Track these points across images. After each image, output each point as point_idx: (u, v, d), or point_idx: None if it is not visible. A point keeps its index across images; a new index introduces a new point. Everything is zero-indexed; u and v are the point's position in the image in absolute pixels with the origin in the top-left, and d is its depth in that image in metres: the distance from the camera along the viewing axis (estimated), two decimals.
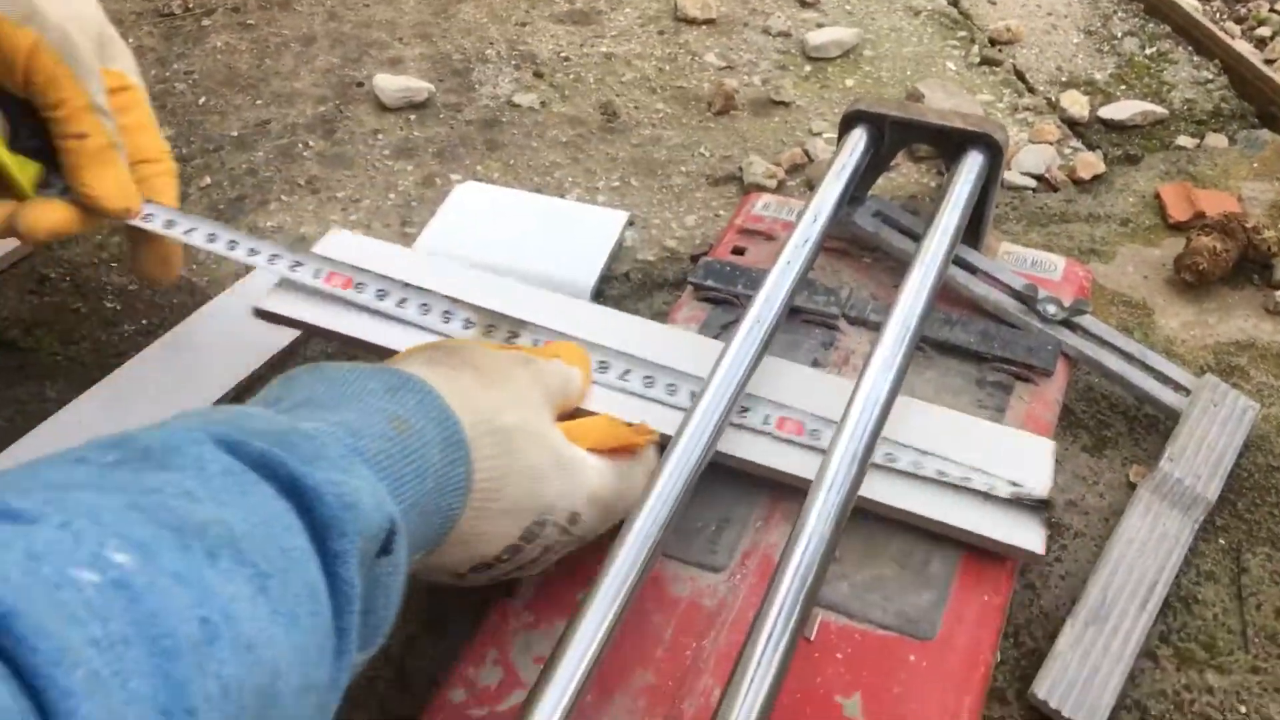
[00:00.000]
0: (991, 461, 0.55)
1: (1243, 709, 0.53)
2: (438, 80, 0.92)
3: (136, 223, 0.59)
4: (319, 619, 0.34)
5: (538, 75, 0.93)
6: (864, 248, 0.72)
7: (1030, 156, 0.83)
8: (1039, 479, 0.54)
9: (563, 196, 0.82)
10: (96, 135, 0.57)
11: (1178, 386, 0.65)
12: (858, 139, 0.68)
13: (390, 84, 0.89)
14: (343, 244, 0.67)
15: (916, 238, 0.62)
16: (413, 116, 0.89)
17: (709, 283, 0.68)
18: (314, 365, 0.46)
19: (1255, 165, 0.83)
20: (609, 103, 0.90)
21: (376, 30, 0.98)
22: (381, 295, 0.61)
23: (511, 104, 0.90)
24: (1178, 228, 0.78)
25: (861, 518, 0.56)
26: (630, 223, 0.79)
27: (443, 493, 0.43)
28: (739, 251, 0.72)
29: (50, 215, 0.57)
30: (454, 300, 0.61)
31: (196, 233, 0.60)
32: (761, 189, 0.81)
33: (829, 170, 0.66)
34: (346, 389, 0.43)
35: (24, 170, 0.57)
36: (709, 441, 0.53)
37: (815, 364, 0.64)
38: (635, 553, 0.49)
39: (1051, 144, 0.85)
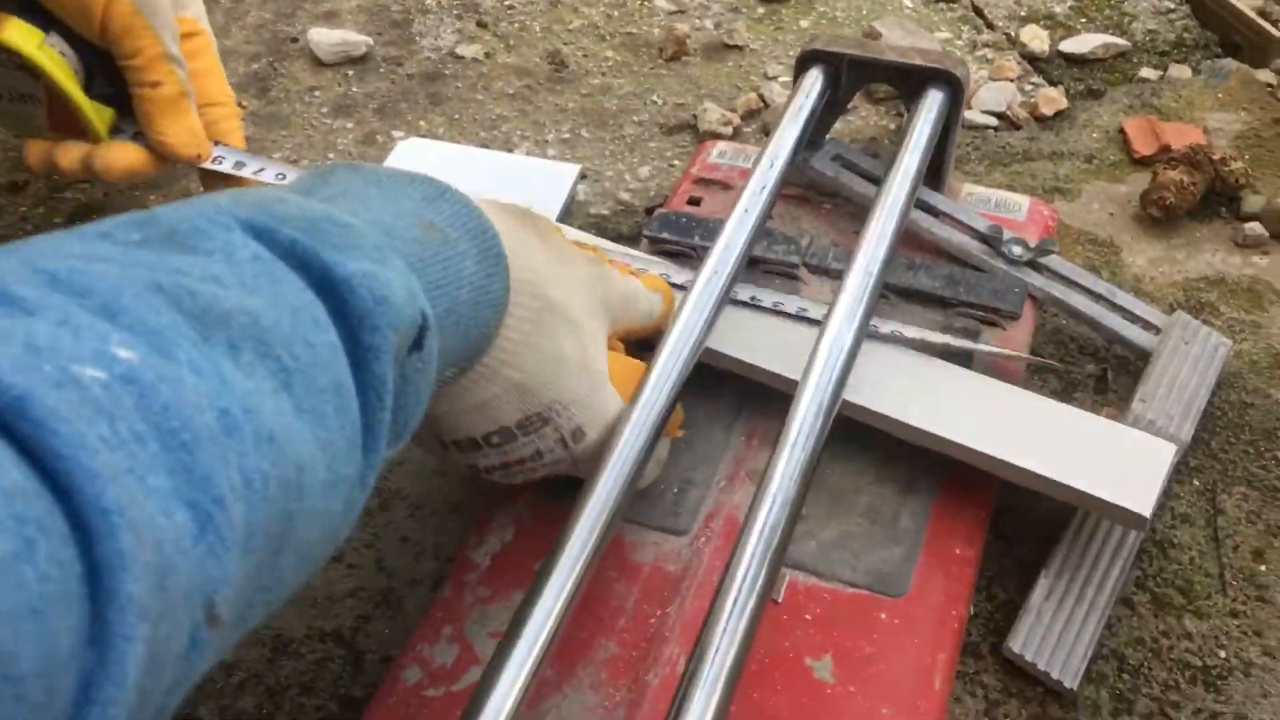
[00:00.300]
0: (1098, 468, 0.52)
1: (1221, 653, 0.51)
2: (376, 33, 0.88)
3: (208, 165, 0.62)
4: (346, 415, 0.33)
5: (481, 25, 0.89)
6: (823, 193, 0.69)
7: (991, 94, 0.81)
8: (1145, 493, 0.51)
9: (511, 151, 0.79)
10: (170, 84, 0.59)
11: (1147, 325, 0.63)
12: (813, 80, 0.65)
13: (326, 39, 0.85)
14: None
15: (877, 181, 0.60)
16: (351, 72, 0.85)
17: (664, 235, 0.66)
18: (351, 162, 0.44)
19: (1220, 96, 0.81)
20: (556, 52, 0.87)
21: None
22: None
23: (455, 56, 0.86)
24: (1143, 162, 0.76)
25: (831, 470, 0.54)
26: (582, 176, 0.76)
27: (478, 305, 0.42)
28: (695, 202, 0.70)
29: (125, 156, 0.60)
30: None
31: (265, 172, 0.62)
32: (717, 137, 0.79)
33: (785, 113, 0.63)
34: (382, 189, 0.42)
35: (100, 115, 0.60)
36: (669, 399, 0.51)
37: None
38: (595, 518, 0.46)
39: (1012, 81, 0.83)
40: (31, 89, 0.59)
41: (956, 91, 0.63)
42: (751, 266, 0.64)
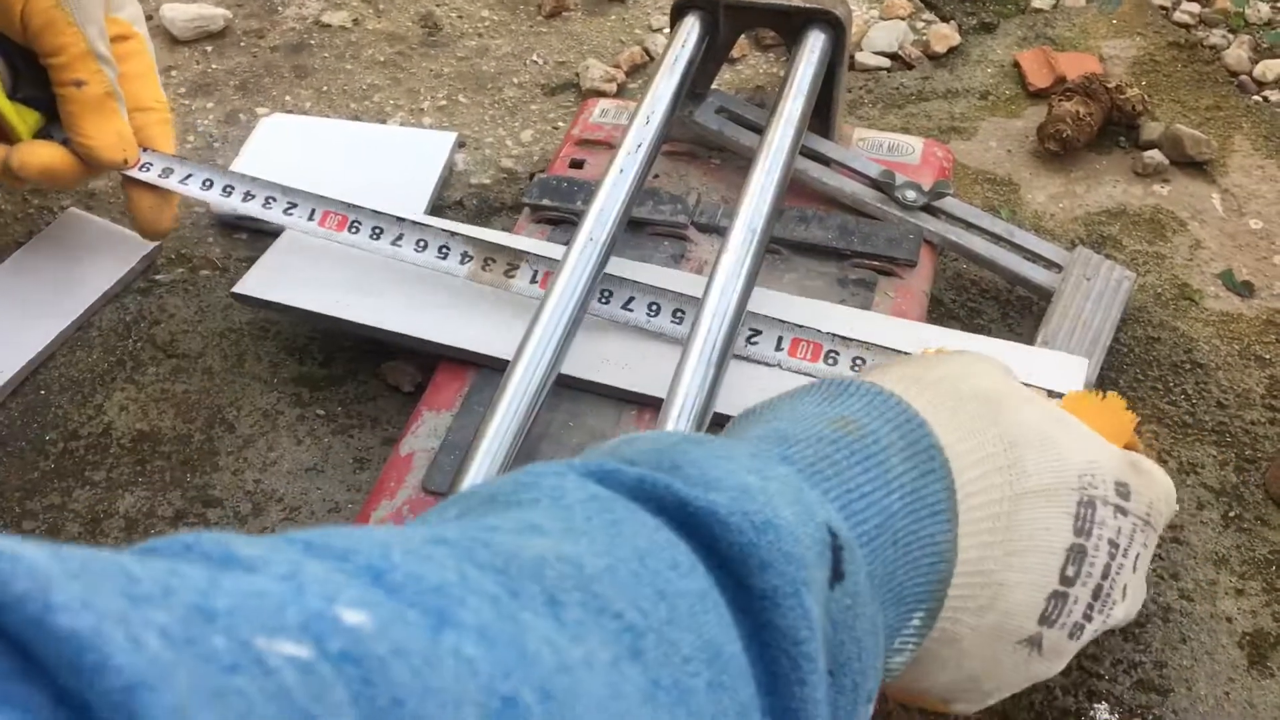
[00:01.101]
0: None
1: None
2: (235, 4, 0.83)
3: (133, 173, 0.58)
4: (726, 696, 0.24)
5: None
6: (711, 148, 0.66)
7: (881, 35, 0.78)
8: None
9: (384, 122, 0.74)
10: (95, 83, 0.55)
11: (1049, 263, 0.61)
12: (690, 28, 0.62)
13: (180, 14, 0.79)
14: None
15: (763, 132, 0.57)
16: (209, 48, 0.80)
17: (545, 202, 0.62)
18: (746, 410, 0.36)
19: (1114, 22, 0.79)
20: (429, 14, 0.82)
21: None
22: (377, 234, 0.57)
23: (320, 24, 0.82)
24: (1039, 95, 0.74)
25: None
26: (461, 144, 0.72)
27: (918, 515, 0.32)
28: (578, 165, 0.66)
29: (42, 155, 0.56)
30: (450, 234, 0.57)
31: (192, 179, 0.59)
32: (600, 94, 0.75)
33: (660, 66, 0.59)
34: (777, 408, 0.35)
35: (23, 118, 0.57)
36: (543, 379, 0.48)
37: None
38: None
39: (903, 19, 0.80)
40: None
41: (839, 32, 0.60)
42: (638, 229, 0.61)
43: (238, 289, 0.57)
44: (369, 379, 0.59)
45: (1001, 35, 0.79)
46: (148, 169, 0.58)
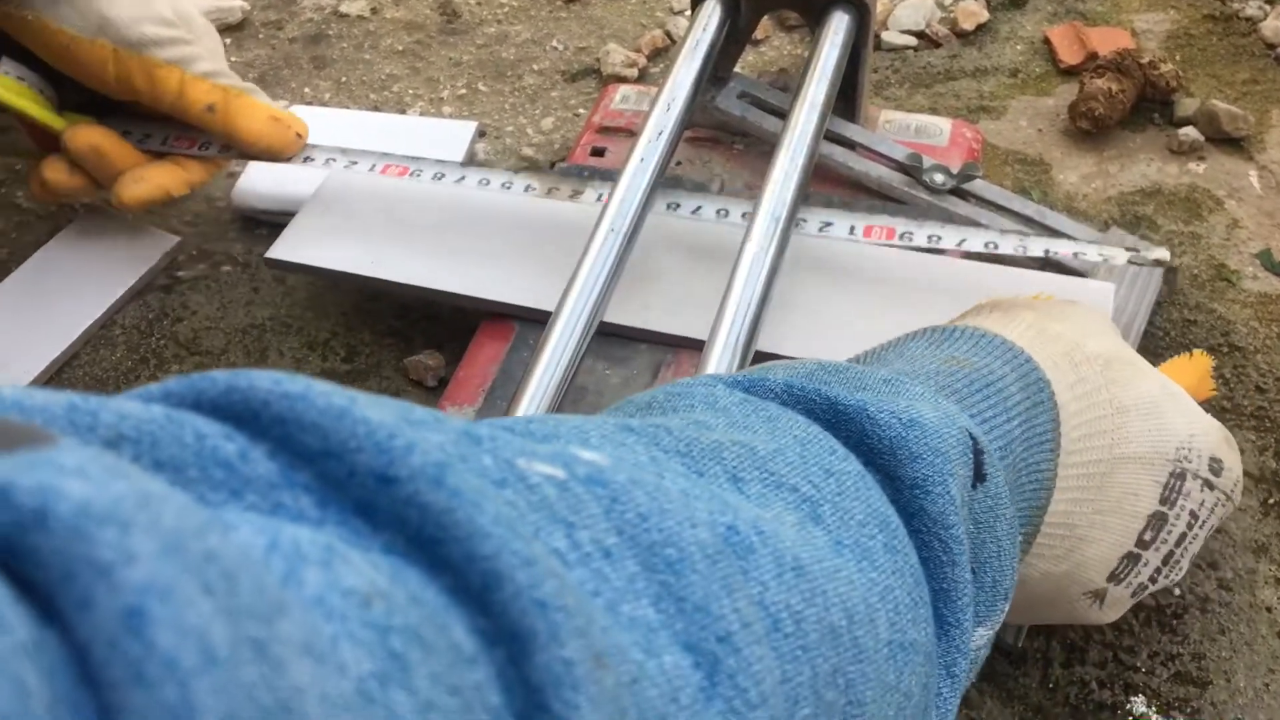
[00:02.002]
0: None
1: (1176, 591, 0.49)
2: None
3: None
4: (900, 559, 0.25)
5: None
6: (735, 134, 0.65)
7: (908, 13, 0.76)
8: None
9: (404, 112, 0.74)
10: (219, 97, 0.57)
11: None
12: (711, 11, 0.60)
13: (199, 6, 0.79)
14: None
15: (785, 116, 0.55)
16: (228, 41, 0.79)
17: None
18: (851, 356, 0.38)
19: None
20: (447, 1, 0.81)
21: None
22: (439, 177, 0.59)
23: (338, 14, 0.81)
24: (1070, 72, 0.72)
25: None
26: (481, 134, 0.71)
27: (1029, 444, 0.33)
28: (599, 153, 0.65)
29: (90, 133, 0.57)
30: (513, 171, 0.58)
31: None
32: (621, 80, 0.74)
33: (681, 51, 0.58)
34: (883, 356, 0.36)
35: (78, 121, 0.59)
36: (565, 373, 0.47)
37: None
38: None
39: None
40: (3, 117, 0.58)
41: (863, 13, 0.59)
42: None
43: (271, 254, 0.57)
44: (392, 374, 0.59)
45: (1031, 11, 0.77)
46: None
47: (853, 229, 0.53)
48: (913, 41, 0.75)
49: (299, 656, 0.14)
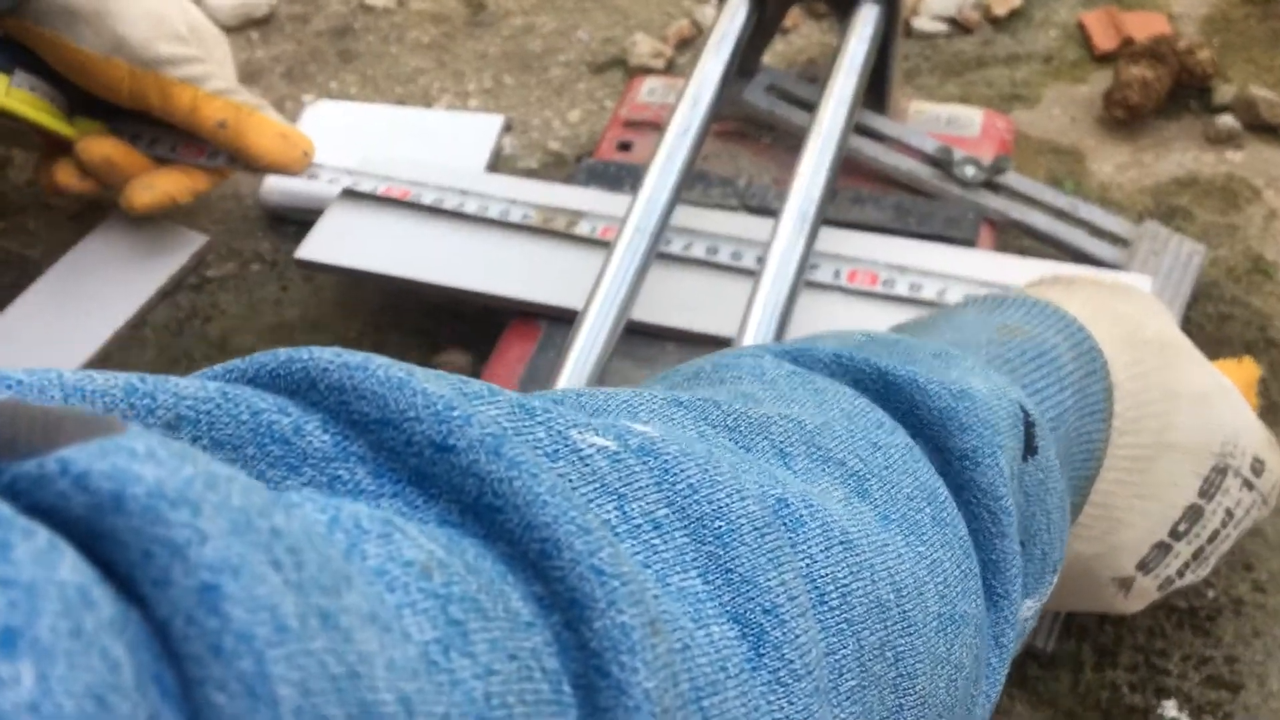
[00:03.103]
0: None
1: (1210, 593, 0.48)
2: None
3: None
4: (949, 532, 0.25)
5: None
6: (761, 127, 0.64)
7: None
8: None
9: (430, 106, 0.73)
10: (230, 113, 0.58)
11: (1115, 238, 0.59)
12: (738, 4, 0.60)
13: (225, 1, 0.79)
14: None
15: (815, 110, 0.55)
16: (254, 35, 0.79)
17: (592, 189, 0.61)
18: (895, 326, 0.38)
19: None
20: None
21: None
22: (438, 202, 0.59)
23: (365, 6, 0.81)
24: (1105, 58, 0.71)
25: None
26: (508, 128, 0.71)
27: (1081, 413, 0.33)
28: (625, 147, 0.65)
29: (102, 145, 0.59)
30: (511, 200, 0.59)
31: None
32: (648, 72, 0.73)
33: (707, 45, 0.58)
34: (934, 323, 0.36)
35: (83, 129, 0.60)
36: (594, 370, 0.47)
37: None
38: None
39: None
40: (15, 121, 0.58)
41: (892, 4, 0.58)
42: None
43: (301, 254, 0.58)
44: None
45: None
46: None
47: (837, 273, 0.53)
48: (945, 28, 0.74)
49: (365, 626, 0.15)
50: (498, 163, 0.69)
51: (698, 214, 0.58)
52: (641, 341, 0.54)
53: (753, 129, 0.64)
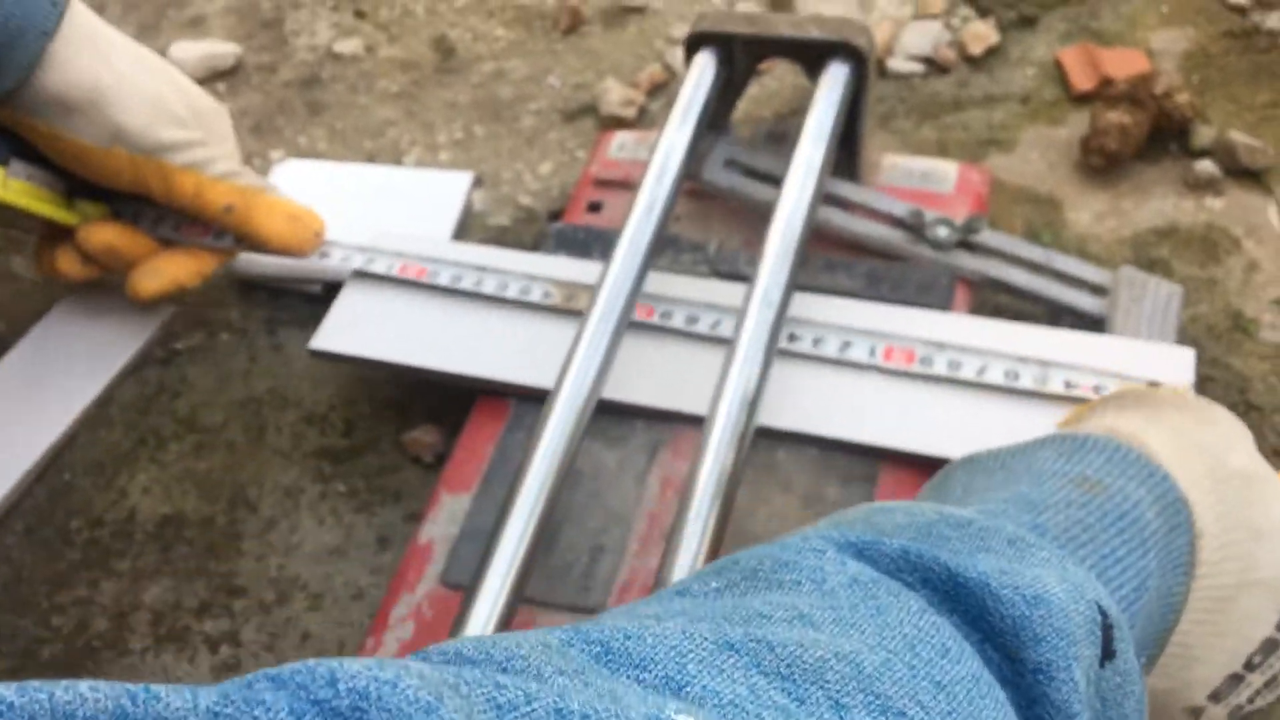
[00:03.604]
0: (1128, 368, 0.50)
1: None
2: (246, 38, 0.81)
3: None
4: None
5: (359, 15, 0.82)
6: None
7: (914, 38, 0.74)
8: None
9: (400, 160, 0.72)
10: (237, 198, 0.57)
11: (1094, 288, 0.58)
12: (704, 66, 0.59)
13: (191, 53, 0.78)
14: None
15: (779, 181, 0.54)
16: (221, 87, 0.78)
17: (562, 256, 0.60)
18: (965, 457, 0.37)
19: (1164, 10, 0.74)
20: (443, 36, 0.80)
21: None
22: (456, 279, 0.58)
23: (333, 55, 0.80)
24: (1083, 99, 0.70)
25: (751, 517, 0.49)
26: (478, 183, 0.70)
27: (1163, 572, 0.33)
28: (595, 207, 0.64)
29: (104, 233, 0.58)
30: (530, 276, 0.57)
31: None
32: (619, 121, 0.72)
33: (674, 111, 0.57)
34: (1010, 466, 0.35)
35: (85, 211, 0.59)
36: (566, 451, 0.46)
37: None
38: (491, 602, 0.42)
39: (938, 17, 0.76)
40: (13, 211, 0.58)
41: (860, 61, 0.57)
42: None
43: (315, 344, 0.57)
44: (390, 449, 0.58)
45: (1043, 31, 0.74)
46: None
47: (873, 350, 0.52)
48: (920, 68, 0.73)
49: None
50: (468, 220, 0.68)
51: (668, 281, 0.57)
52: (611, 420, 0.54)
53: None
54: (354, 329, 0.57)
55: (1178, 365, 0.51)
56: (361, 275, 0.59)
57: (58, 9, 0.52)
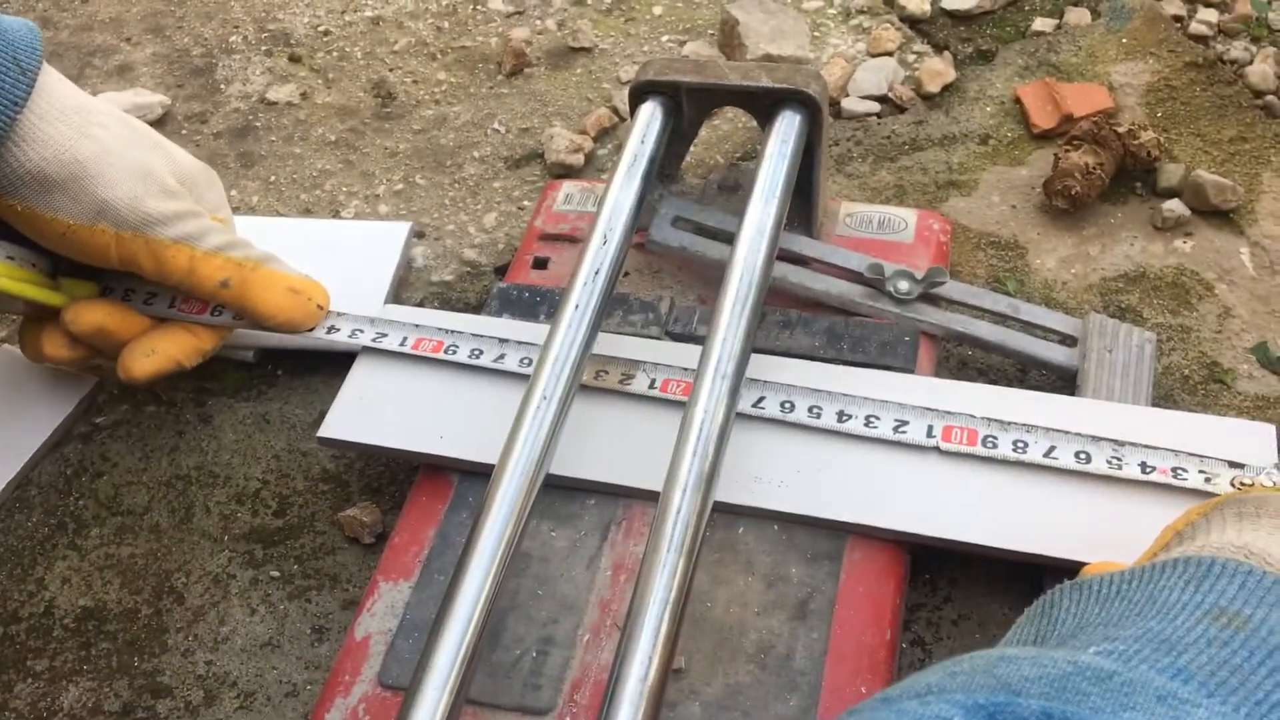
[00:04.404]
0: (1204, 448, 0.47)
1: None
2: (175, 86, 0.78)
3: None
4: None
5: (294, 60, 0.79)
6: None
7: (869, 76, 0.71)
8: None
9: (338, 213, 0.69)
10: (233, 271, 0.53)
11: (1063, 337, 0.56)
12: (650, 117, 0.56)
13: (117, 103, 0.74)
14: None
15: (730, 239, 0.51)
16: None
17: (506, 319, 0.57)
18: (1073, 583, 0.33)
19: (1124, 41, 0.73)
20: (382, 81, 0.76)
21: (100, 33, 0.82)
22: (476, 355, 0.54)
23: (266, 102, 0.76)
24: (1044, 136, 0.68)
25: (709, 603, 0.46)
26: (419, 235, 0.67)
27: None
28: (541, 264, 0.61)
29: (94, 313, 0.53)
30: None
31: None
32: (566, 169, 0.69)
33: (619, 166, 0.54)
34: (1128, 595, 0.31)
35: (71, 290, 0.55)
36: (512, 532, 0.43)
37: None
38: (432, 706, 0.39)
39: (892, 54, 0.73)
40: None
41: (813, 110, 0.54)
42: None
43: (323, 434, 0.53)
44: (326, 528, 0.55)
45: (1001, 65, 0.72)
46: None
47: (930, 429, 0.49)
48: (875, 108, 0.71)
49: None
50: (409, 275, 0.65)
51: (619, 343, 0.54)
52: (560, 497, 0.50)
53: None
54: (363, 417, 0.53)
55: (1256, 442, 0.48)
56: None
57: (27, 77, 0.47)
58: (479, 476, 0.51)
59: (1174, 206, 0.62)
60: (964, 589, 0.50)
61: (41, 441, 0.58)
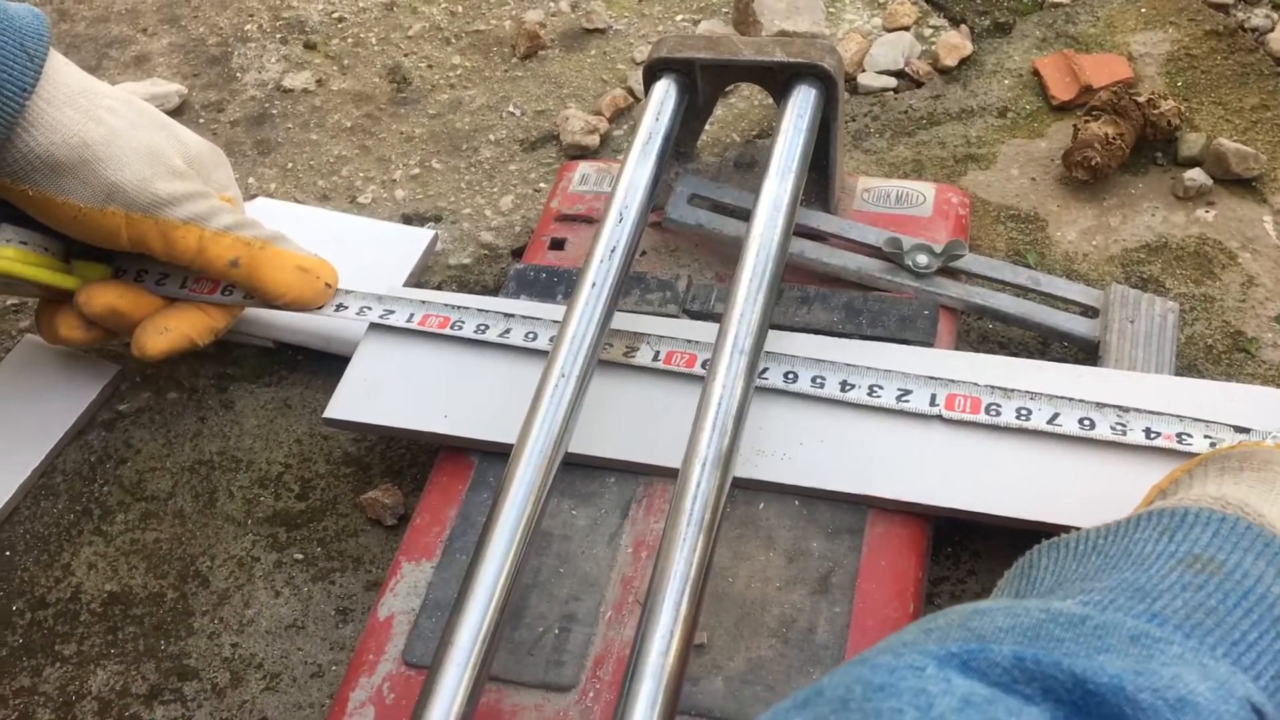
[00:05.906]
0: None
1: None
2: (192, 75, 0.78)
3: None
4: None
5: (309, 47, 0.79)
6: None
7: (885, 51, 0.71)
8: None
9: (355, 198, 0.69)
10: (243, 250, 0.53)
11: (1084, 308, 0.55)
12: (664, 94, 0.56)
13: (134, 93, 0.74)
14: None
15: (747, 215, 0.51)
16: None
17: (523, 299, 0.57)
18: (1050, 542, 0.34)
19: (1143, 10, 0.72)
20: (397, 66, 0.76)
21: (116, 24, 0.83)
22: (481, 329, 0.54)
23: (282, 89, 0.76)
24: (1063, 108, 0.67)
25: (731, 578, 0.46)
26: (435, 219, 0.67)
27: None
28: (558, 245, 0.61)
29: (106, 294, 0.54)
30: (556, 322, 0.53)
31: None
32: (582, 150, 0.69)
33: (634, 144, 0.54)
34: (1104, 550, 0.31)
35: (84, 273, 0.55)
36: (531, 514, 0.43)
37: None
38: (455, 683, 0.39)
39: (908, 29, 0.73)
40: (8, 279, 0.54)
41: (829, 84, 0.54)
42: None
43: (329, 415, 0.53)
44: (349, 510, 0.55)
45: (1018, 37, 0.72)
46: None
47: (934, 398, 0.49)
48: (892, 83, 0.70)
49: None
50: (427, 266, 0.65)
51: (636, 321, 0.54)
52: (580, 476, 0.50)
53: None
54: (369, 397, 0.53)
55: (1266, 405, 0.47)
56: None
57: (35, 63, 0.48)
58: (499, 456, 0.51)
59: (1195, 176, 0.61)
60: (987, 562, 0.49)
61: (65, 429, 0.59)
